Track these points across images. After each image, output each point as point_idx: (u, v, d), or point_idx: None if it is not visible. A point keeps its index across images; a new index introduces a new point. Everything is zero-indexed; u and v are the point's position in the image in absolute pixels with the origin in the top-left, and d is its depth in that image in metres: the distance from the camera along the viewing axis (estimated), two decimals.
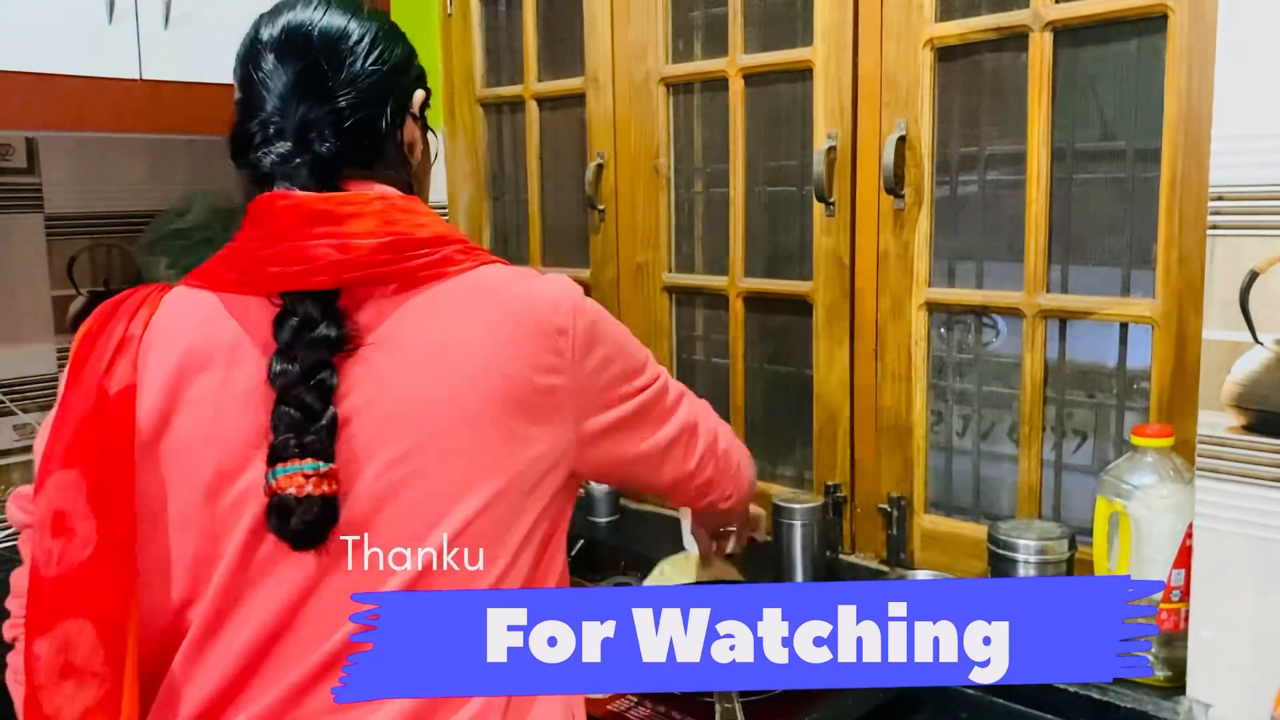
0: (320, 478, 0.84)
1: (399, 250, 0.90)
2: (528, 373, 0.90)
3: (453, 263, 0.93)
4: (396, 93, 1.00)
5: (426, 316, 0.91)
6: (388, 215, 0.92)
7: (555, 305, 0.94)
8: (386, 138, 0.99)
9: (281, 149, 0.93)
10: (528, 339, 0.91)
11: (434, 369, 0.89)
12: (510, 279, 0.95)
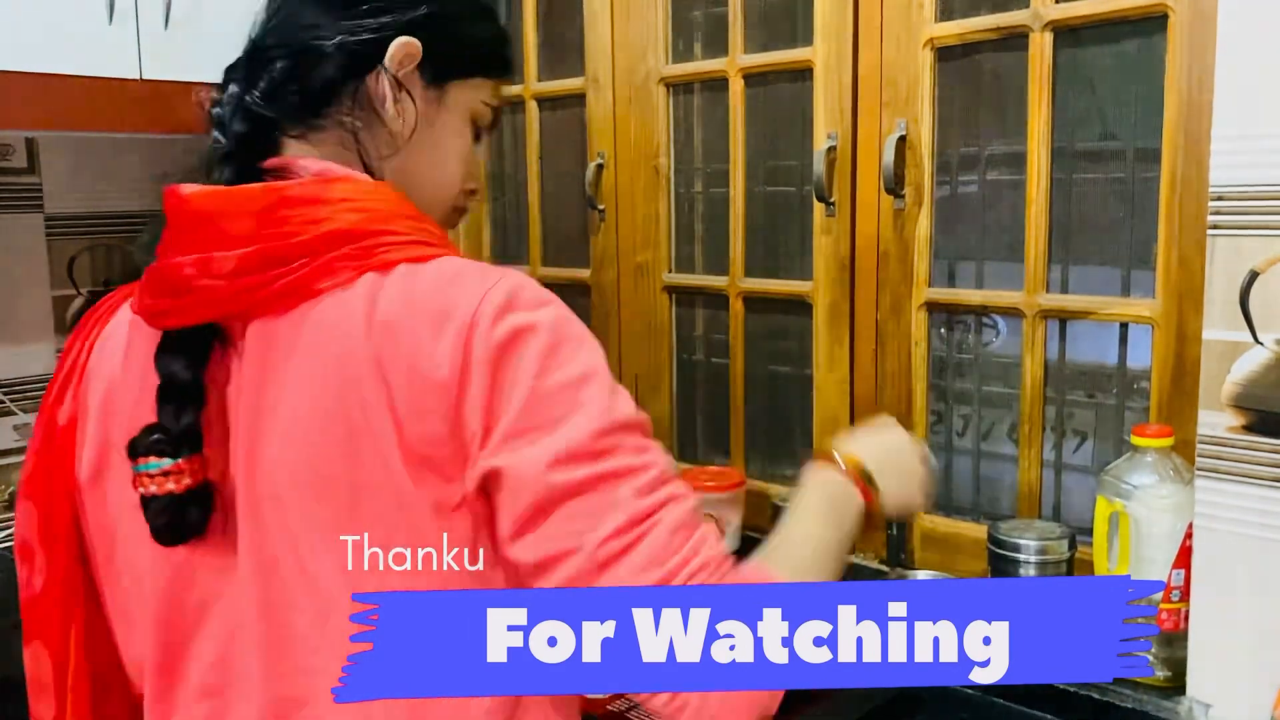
0: (167, 475, 0.77)
1: (264, 265, 0.75)
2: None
3: (327, 273, 0.75)
4: (354, 22, 0.82)
5: (273, 359, 0.77)
6: (274, 211, 0.76)
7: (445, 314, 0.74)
8: (327, 84, 0.82)
9: (227, 92, 0.83)
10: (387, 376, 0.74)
11: (275, 438, 0.77)
12: (406, 286, 0.75)
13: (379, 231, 0.77)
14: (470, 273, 0.76)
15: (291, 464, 0.76)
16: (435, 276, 0.76)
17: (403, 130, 0.84)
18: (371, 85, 0.82)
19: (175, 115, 1.61)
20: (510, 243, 2.11)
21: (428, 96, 0.85)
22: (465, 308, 0.73)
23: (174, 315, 0.78)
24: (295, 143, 0.83)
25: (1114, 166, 1.34)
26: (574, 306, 2.10)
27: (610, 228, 1.85)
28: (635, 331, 1.84)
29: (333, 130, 0.83)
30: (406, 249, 0.77)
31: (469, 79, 0.87)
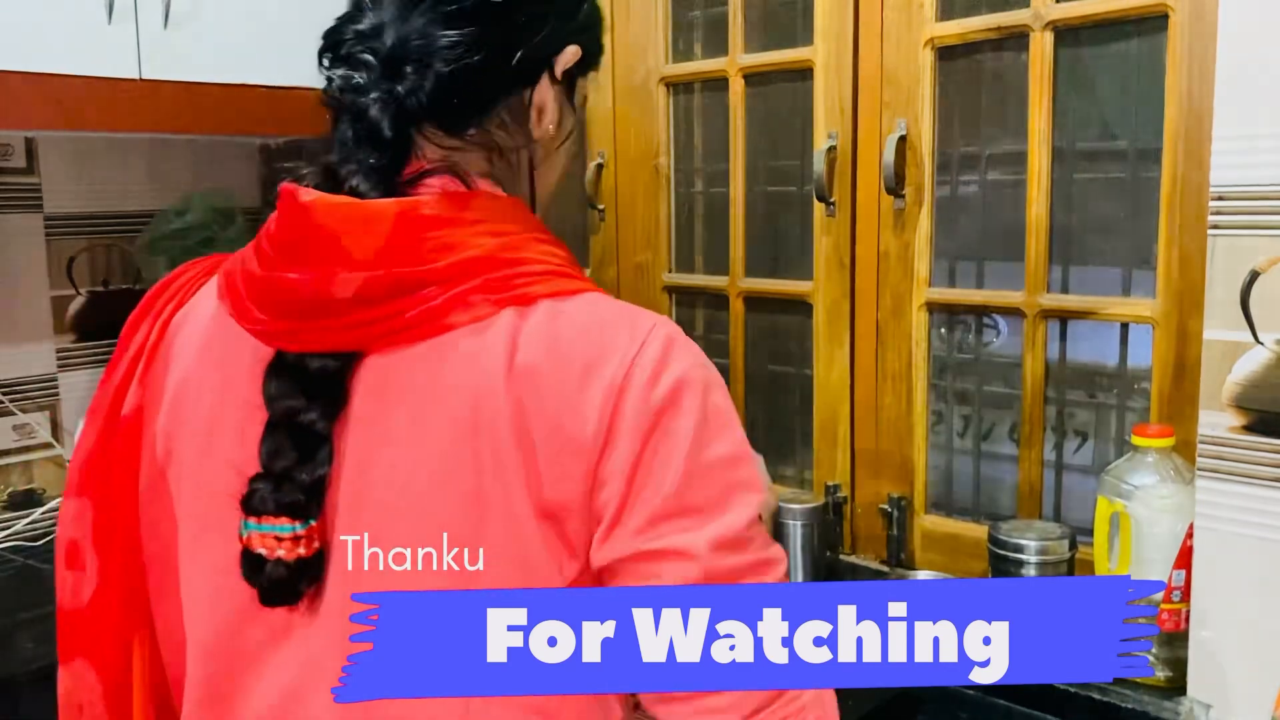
0: (295, 540, 0.69)
1: (390, 293, 0.68)
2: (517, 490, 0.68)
3: (461, 306, 0.68)
4: (532, 31, 0.75)
5: (393, 398, 0.70)
6: (405, 233, 0.68)
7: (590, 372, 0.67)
8: (496, 93, 0.75)
9: (360, 74, 0.72)
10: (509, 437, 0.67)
11: (392, 486, 0.70)
12: (537, 328, 0.68)
13: (516, 260, 0.70)
14: (620, 319, 0.71)
15: (407, 514, 0.69)
16: (583, 319, 0.70)
17: (553, 140, 0.79)
18: (533, 97, 0.77)
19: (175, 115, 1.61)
20: None
21: (564, 101, 0.80)
22: (618, 362, 0.68)
23: (293, 340, 0.70)
24: (434, 151, 0.75)
25: (1114, 166, 1.34)
26: None
27: (610, 228, 1.85)
28: None
29: (478, 141, 0.76)
30: (547, 281, 0.71)
31: (588, 73, 0.82)
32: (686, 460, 0.67)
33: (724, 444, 0.69)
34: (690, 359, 0.71)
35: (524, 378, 0.68)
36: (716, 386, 0.71)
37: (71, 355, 1.88)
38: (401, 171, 0.73)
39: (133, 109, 1.57)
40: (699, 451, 0.68)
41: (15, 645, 1.43)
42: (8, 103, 1.47)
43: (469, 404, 0.68)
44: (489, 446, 0.67)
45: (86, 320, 1.90)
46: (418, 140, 0.74)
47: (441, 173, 0.73)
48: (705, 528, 0.66)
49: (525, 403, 0.67)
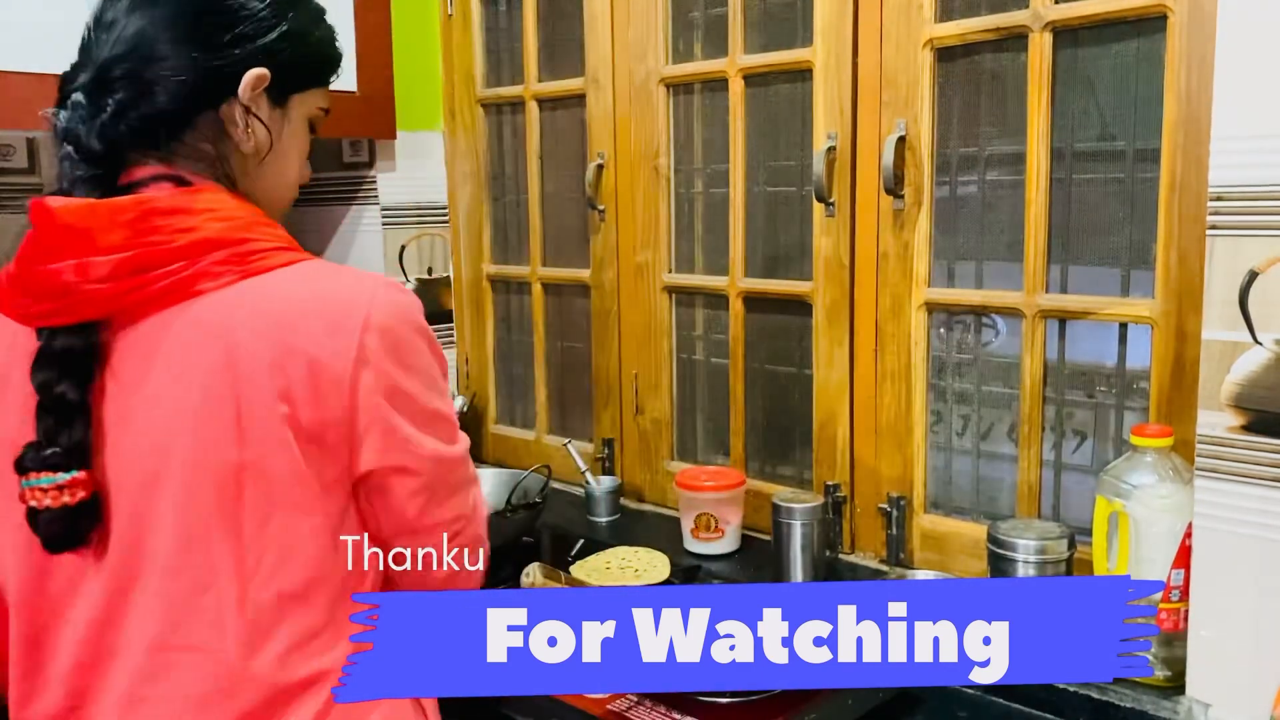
0: (59, 490, 0.82)
1: (140, 268, 0.83)
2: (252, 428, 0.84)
3: (207, 276, 0.84)
4: (209, 59, 0.89)
5: (152, 353, 0.84)
6: (145, 221, 0.83)
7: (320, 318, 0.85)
8: (184, 115, 0.89)
9: (69, 112, 0.87)
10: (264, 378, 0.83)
11: (159, 427, 0.85)
12: (280, 288, 0.86)
13: (244, 239, 0.86)
14: (349, 276, 0.89)
15: (178, 450, 0.83)
16: (319, 276, 0.88)
17: (255, 151, 0.93)
18: (224, 112, 0.90)
19: None
20: (510, 243, 2.11)
21: (274, 115, 0.94)
22: (359, 308, 0.85)
23: (56, 315, 0.83)
24: (149, 160, 0.89)
25: (1113, 166, 1.34)
26: (574, 307, 2.11)
27: (610, 228, 1.85)
28: (635, 331, 1.84)
29: (188, 151, 0.90)
30: (276, 255, 0.87)
31: (308, 90, 0.97)
32: (419, 403, 0.89)
33: (439, 391, 0.93)
34: (411, 301, 0.91)
35: (275, 328, 0.83)
36: (423, 330, 0.91)
37: None
38: (117, 181, 0.87)
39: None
40: (425, 396, 0.90)
41: None
42: (8, 103, 1.47)
43: (224, 352, 0.83)
44: (247, 385, 0.83)
45: None
46: (130, 156, 0.88)
47: (160, 179, 0.88)
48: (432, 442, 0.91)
49: (280, 346, 0.83)
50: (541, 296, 2.03)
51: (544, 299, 2.04)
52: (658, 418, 1.83)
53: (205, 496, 0.83)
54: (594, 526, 1.78)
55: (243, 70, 0.90)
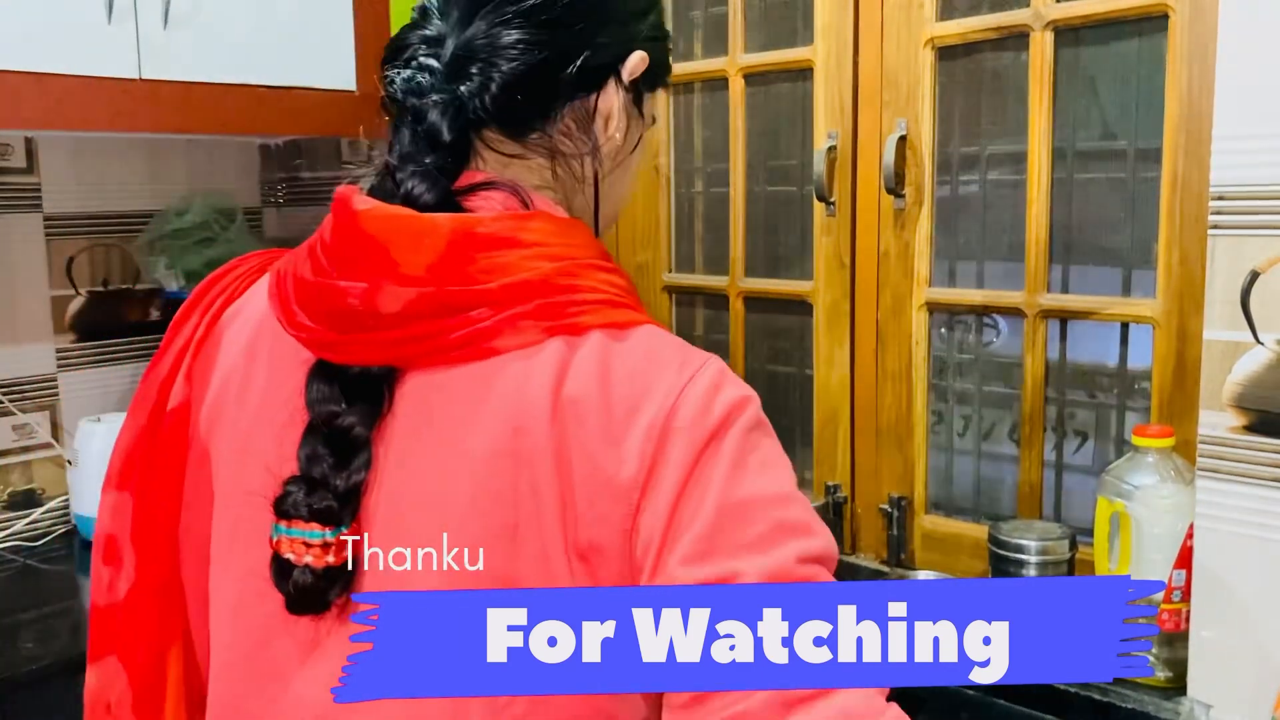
0: (324, 548, 0.67)
1: (439, 311, 0.66)
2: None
3: (510, 330, 0.66)
4: (598, 35, 0.72)
5: (431, 414, 0.68)
6: (461, 248, 0.66)
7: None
8: (560, 97, 0.72)
9: (423, 76, 0.70)
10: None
11: (424, 503, 0.68)
12: (583, 361, 0.66)
13: (571, 287, 0.67)
14: (671, 355, 0.68)
15: (439, 544, 0.67)
16: (633, 354, 0.67)
17: (619, 151, 0.76)
18: (599, 102, 0.73)
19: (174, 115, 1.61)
20: None
21: (634, 113, 0.77)
22: (663, 399, 0.65)
23: (337, 351, 0.68)
24: (494, 158, 0.73)
25: (1115, 166, 1.33)
26: None
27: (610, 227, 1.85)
28: None
29: (541, 147, 0.73)
30: (602, 310, 0.68)
31: (656, 90, 0.80)
32: (721, 496, 0.63)
33: (769, 480, 0.65)
34: (736, 394, 0.68)
35: (569, 411, 0.65)
36: (763, 425, 0.69)
37: (71, 355, 1.88)
38: (458, 178, 0.71)
39: (133, 109, 1.57)
40: (736, 487, 0.64)
41: (15, 645, 1.43)
42: (8, 103, 1.47)
43: (510, 431, 0.65)
44: (527, 477, 0.65)
45: (86, 320, 1.90)
46: (477, 146, 0.72)
47: (501, 187, 0.71)
48: (750, 568, 0.62)
49: (568, 437, 0.65)
50: None
51: None
52: None
53: None
54: None
55: (625, 52, 0.74)
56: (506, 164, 0.73)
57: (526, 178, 0.73)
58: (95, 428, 1.77)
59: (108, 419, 1.79)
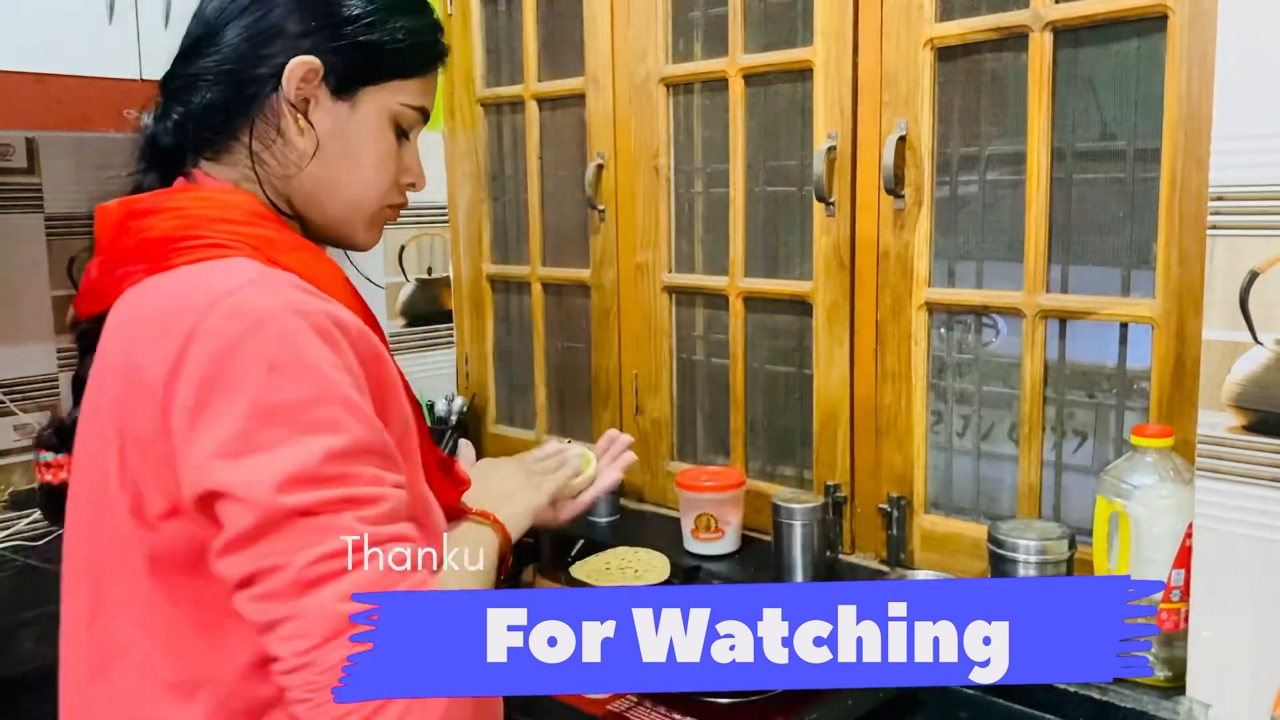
0: (45, 467, 0.89)
1: (107, 270, 0.83)
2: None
3: (129, 279, 0.80)
4: (249, 53, 0.83)
5: (100, 345, 0.82)
6: (123, 222, 0.83)
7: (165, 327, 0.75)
8: (228, 116, 0.85)
9: (147, 115, 0.90)
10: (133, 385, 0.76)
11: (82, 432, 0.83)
12: (154, 288, 0.79)
13: (188, 236, 0.79)
14: (221, 271, 0.76)
15: (80, 449, 0.82)
16: (195, 274, 0.77)
17: (306, 147, 0.84)
18: (270, 109, 0.84)
19: None
20: (510, 243, 2.11)
21: (337, 109, 0.85)
22: (197, 307, 0.73)
23: (77, 309, 0.86)
24: (205, 162, 0.87)
25: (1114, 166, 1.34)
26: (574, 307, 2.09)
27: (610, 228, 1.85)
28: (635, 331, 1.84)
29: (238, 150, 0.85)
30: (197, 251, 0.78)
31: (383, 83, 0.86)
32: (253, 399, 0.70)
33: (305, 383, 0.71)
34: (281, 302, 0.73)
35: (125, 329, 0.77)
36: (314, 332, 0.73)
37: (72, 355, 1.88)
38: (174, 174, 0.87)
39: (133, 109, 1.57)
40: (266, 393, 0.70)
41: (15, 645, 1.43)
42: (8, 103, 1.47)
43: (102, 354, 0.80)
44: (96, 397, 0.79)
45: None
46: (190, 157, 0.87)
47: (183, 177, 0.87)
48: (267, 462, 0.68)
49: (116, 351, 0.77)
50: (541, 296, 2.03)
51: (544, 299, 2.04)
52: (658, 418, 1.83)
53: (83, 517, 0.82)
54: (594, 527, 1.78)
55: (279, 64, 0.83)
56: (209, 164, 0.87)
57: (240, 172, 0.86)
58: None
59: None
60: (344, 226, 0.89)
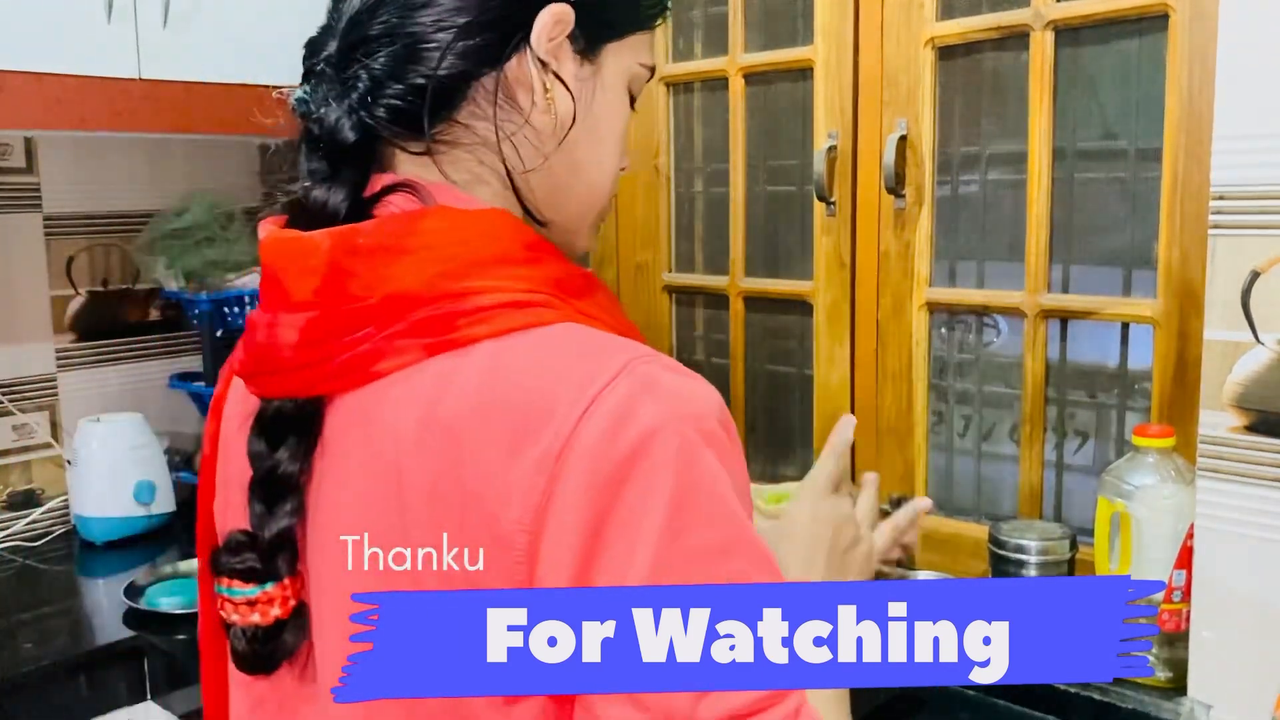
0: (249, 605, 0.62)
1: (326, 336, 0.59)
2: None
3: (390, 351, 0.58)
4: (477, 4, 0.62)
5: (341, 441, 0.62)
6: (340, 265, 0.59)
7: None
8: (454, 81, 0.63)
9: (310, 88, 0.65)
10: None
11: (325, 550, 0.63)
12: (468, 378, 0.57)
13: (459, 292, 0.58)
14: (579, 358, 0.56)
15: (336, 599, 0.62)
16: (526, 362, 0.56)
17: (557, 125, 0.65)
18: (512, 73, 0.63)
19: (174, 115, 1.61)
20: None
21: (581, 74, 0.66)
22: (561, 419, 0.53)
23: (256, 387, 0.63)
24: (406, 158, 0.65)
25: (1115, 166, 1.33)
26: None
27: (610, 228, 1.85)
28: None
29: (462, 139, 0.65)
30: (500, 316, 0.58)
31: (625, 37, 0.68)
32: (655, 553, 0.53)
33: (712, 527, 0.54)
34: (668, 408, 0.54)
35: (443, 440, 0.56)
36: (708, 445, 0.55)
37: (71, 355, 1.88)
38: (365, 187, 0.64)
39: (133, 109, 1.57)
40: (673, 540, 0.53)
41: (15, 645, 1.43)
42: (8, 103, 1.47)
43: (393, 468, 0.58)
44: (412, 521, 0.58)
45: (86, 320, 1.90)
46: (384, 150, 0.66)
47: (401, 188, 0.63)
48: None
49: (441, 471, 0.56)
50: None
51: None
52: None
53: None
54: None
55: (535, 9, 0.63)
56: (419, 162, 0.65)
57: (440, 173, 0.65)
58: (95, 428, 1.77)
59: (107, 419, 1.79)
60: (576, 230, 0.70)
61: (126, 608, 1.50)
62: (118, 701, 1.43)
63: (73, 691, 1.38)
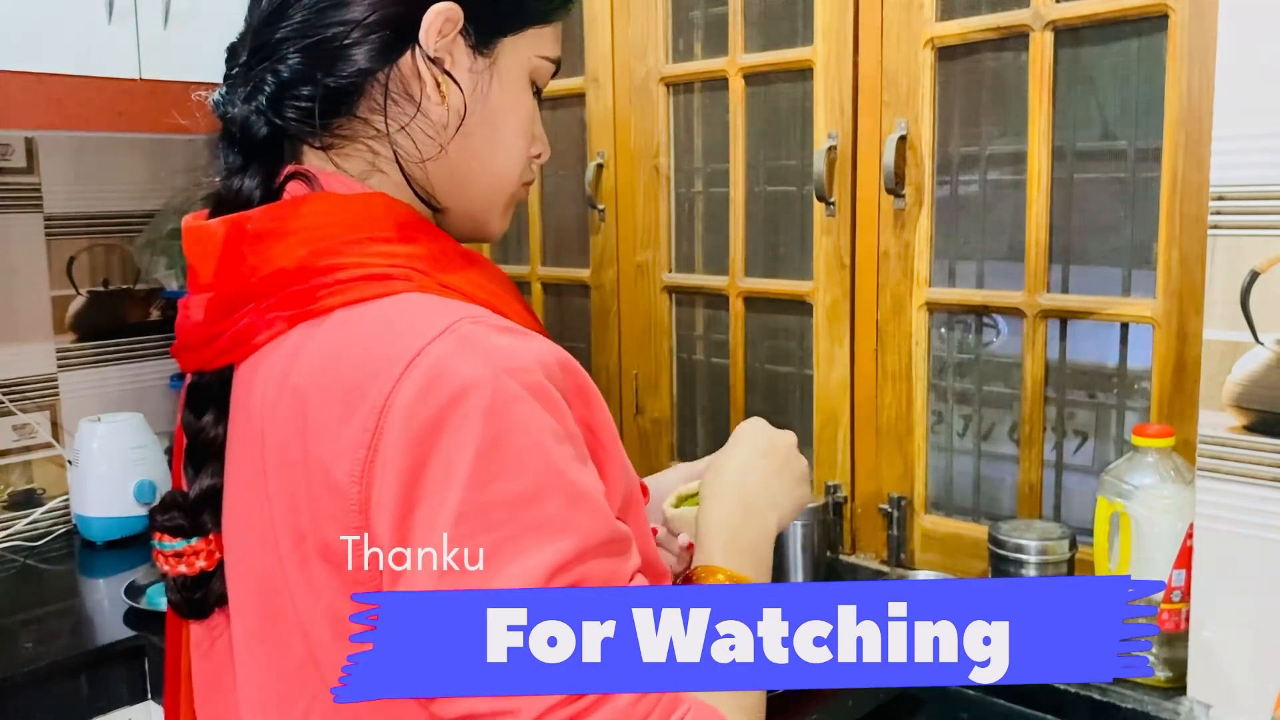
0: (177, 557, 0.70)
1: (221, 314, 0.66)
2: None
3: (264, 325, 0.64)
4: (362, 8, 0.67)
5: (234, 409, 0.69)
6: (233, 247, 0.65)
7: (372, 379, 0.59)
8: (352, 86, 0.67)
9: (223, 91, 0.71)
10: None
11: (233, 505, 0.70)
12: (317, 345, 0.62)
13: (328, 268, 0.63)
14: (408, 324, 0.60)
15: (234, 551, 0.70)
16: (367, 328, 0.61)
17: (450, 118, 0.69)
18: (406, 69, 0.68)
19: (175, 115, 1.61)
20: (510, 242, 2.11)
21: (476, 67, 0.70)
22: (379, 376, 0.58)
23: (182, 359, 0.70)
24: (310, 152, 0.71)
25: (1115, 166, 1.33)
26: (574, 307, 2.09)
27: (610, 228, 1.85)
28: (635, 331, 1.84)
29: (360, 133, 0.69)
30: (356, 287, 0.63)
31: (523, 31, 0.71)
32: (461, 500, 0.56)
33: (521, 475, 0.58)
34: (485, 363, 0.58)
35: (292, 403, 0.62)
36: (532, 396, 0.59)
37: (71, 355, 1.88)
38: (274, 179, 0.70)
39: (133, 109, 1.57)
40: (481, 487, 0.57)
41: (16, 645, 1.43)
42: (8, 103, 1.47)
43: (258, 431, 0.64)
44: (261, 486, 0.64)
45: (86, 320, 1.90)
46: (293, 144, 0.71)
47: (296, 177, 0.69)
48: (498, 583, 0.57)
49: (292, 432, 0.61)
50: (541, 296, 2.03)
51: (544, 299, 2.03)
52: (658, 418, 1.83)
53: (250, 615, 0.69)
54: None
55: (424, 8, 0.67)
56: (322, 155, 0.70)
57: (337, 165, 0.70)
58: (95, 427, 1.77)
59: (108, 419, 1.79)
60: (482, 215, 0.75)
61: (127, 607, 1.50)
62: (118, 701, 1.43)
63: (73, 691, 1.38)
